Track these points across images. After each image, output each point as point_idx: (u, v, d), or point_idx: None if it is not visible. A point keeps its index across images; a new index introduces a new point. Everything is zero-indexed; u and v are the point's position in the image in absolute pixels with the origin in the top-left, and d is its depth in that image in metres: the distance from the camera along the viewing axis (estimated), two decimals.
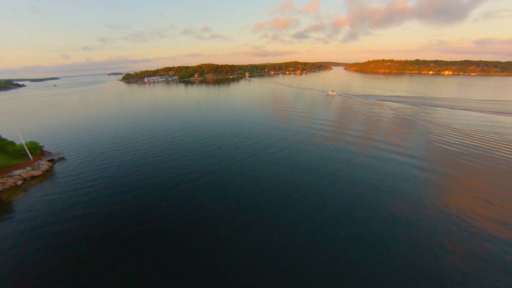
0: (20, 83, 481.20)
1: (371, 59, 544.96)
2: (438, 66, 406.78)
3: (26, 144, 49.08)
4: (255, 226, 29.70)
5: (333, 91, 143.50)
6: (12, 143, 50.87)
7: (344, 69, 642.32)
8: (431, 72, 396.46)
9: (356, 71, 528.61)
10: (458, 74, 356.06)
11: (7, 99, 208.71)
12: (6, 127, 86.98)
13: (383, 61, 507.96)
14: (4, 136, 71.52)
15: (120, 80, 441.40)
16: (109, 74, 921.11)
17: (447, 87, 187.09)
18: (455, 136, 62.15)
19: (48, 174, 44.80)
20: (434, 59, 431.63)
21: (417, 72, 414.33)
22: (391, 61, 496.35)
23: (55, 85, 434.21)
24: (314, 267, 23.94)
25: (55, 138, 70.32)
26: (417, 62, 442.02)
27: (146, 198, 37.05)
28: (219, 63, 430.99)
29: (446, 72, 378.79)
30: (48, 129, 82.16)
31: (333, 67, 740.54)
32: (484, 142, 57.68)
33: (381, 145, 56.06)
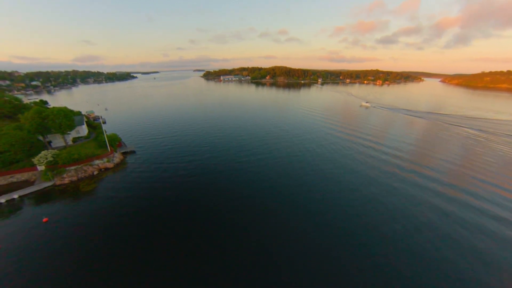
0: (135, 75, 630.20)
1: (486, 70, 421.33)
2: None
3: (109, 136, 55.86)
4: None
5: (367, 102, 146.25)
6: (101, 133, 59.30)
7: (440, 81, 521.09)
8: None
9: (459, 84, 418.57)
10: None
11: (124, 87, 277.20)
12: (112, 114, 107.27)
13: (509, 72, 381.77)
14: (111, 122, 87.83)
15: (201, 76, 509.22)
16: (195, 70, 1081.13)
17: None
18: None
19: (118, 167, 49.05)
20: None
21: None
22: None
23: (154, 78, 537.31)
24: None
25: (132, 129, 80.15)
26: None
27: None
28: (292, 67, 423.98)
29: None
30: (130, 120, 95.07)
31: (425, 79, 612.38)
32: None
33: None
